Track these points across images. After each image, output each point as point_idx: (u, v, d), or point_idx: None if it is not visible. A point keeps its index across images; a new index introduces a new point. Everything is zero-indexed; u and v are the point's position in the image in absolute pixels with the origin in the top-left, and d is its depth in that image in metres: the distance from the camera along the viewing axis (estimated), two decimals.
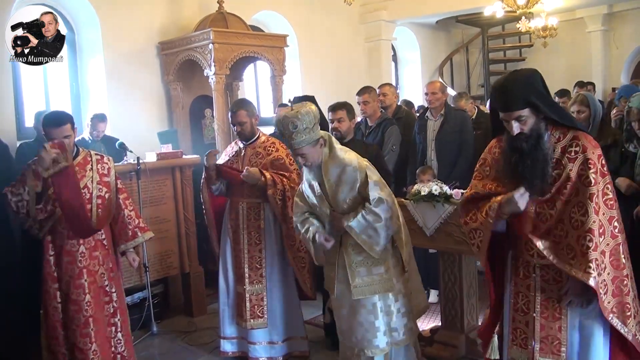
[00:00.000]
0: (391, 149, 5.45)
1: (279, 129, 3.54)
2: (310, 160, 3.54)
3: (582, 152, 2.58)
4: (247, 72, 7.77)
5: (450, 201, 4.09)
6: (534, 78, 2.63)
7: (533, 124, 2.60)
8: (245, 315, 4.42)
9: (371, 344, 3.63)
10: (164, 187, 5.54)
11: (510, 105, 2.59)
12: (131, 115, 6.62)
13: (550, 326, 2.72)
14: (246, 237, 4.44)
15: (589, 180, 2.53)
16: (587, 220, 2.50)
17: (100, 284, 3.81)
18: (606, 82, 11.11)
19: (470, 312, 4.42)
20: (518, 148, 2.61)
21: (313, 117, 3.45)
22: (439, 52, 11.99)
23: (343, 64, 9.58)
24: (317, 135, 3.49)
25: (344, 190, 3.56)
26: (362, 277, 3.60)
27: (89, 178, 3.80)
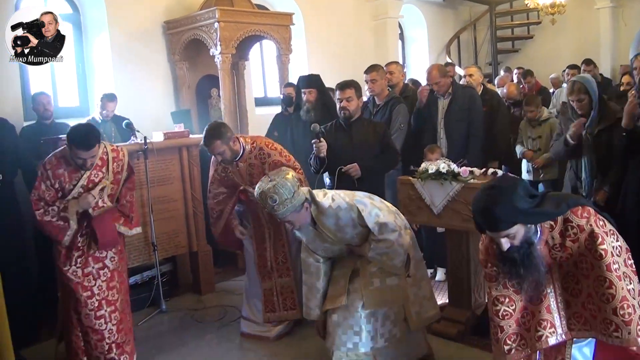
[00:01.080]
0: (399, 127, 5.43)
1: (260, 203, 3.54)
2: (298, 224, 3.54)
3: (581, 232, 2.57)
4: (253, 51, 7.74)
5: (457, 179, 4.09)
6: (515, 194, 2.51)
7: (522, 236, 2.56)
8: (278, 308, 4.56)
9: (356, 346, 3.64)
10: (172, 167, 5.55)
11: (497, 227, 2.52)
12: (138, 95, 6.61)
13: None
14: (272, 234, 4.52)
15: (600, 254, 2.52)
16: (616, 290, 2.49)
17: (113, 267, 3.96)
18: (615, 60, 10.99)
19: (477, 289, 4.44)
20: (510, 259, 2.60)
21: (291, 185, 3.41)
22: (446, 30, 11.88)
23: (349, 43, 9.52)
24: (299, 201, 3.45)
25: (348, 232, 3.60)
26: (376, 287, 3.65)
27: (106, 180, 3.87)
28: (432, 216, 4.28)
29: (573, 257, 2.62)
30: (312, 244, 3.73)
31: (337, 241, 3.64)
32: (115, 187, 3.94)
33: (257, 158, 4.35)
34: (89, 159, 3.67)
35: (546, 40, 11.70)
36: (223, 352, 4.44)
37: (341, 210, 3.52)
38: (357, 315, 3.63)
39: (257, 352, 4.39)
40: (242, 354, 4.40)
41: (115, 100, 5.94)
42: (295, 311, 4.55)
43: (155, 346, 4.53)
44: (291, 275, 4.56)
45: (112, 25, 6.53)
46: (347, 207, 3.52)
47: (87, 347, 3.87)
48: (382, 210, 3.61)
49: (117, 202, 4.00)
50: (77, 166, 3.72)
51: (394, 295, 3.65)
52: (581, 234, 2.57)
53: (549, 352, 2.73)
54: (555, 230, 2.63)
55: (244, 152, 4.35)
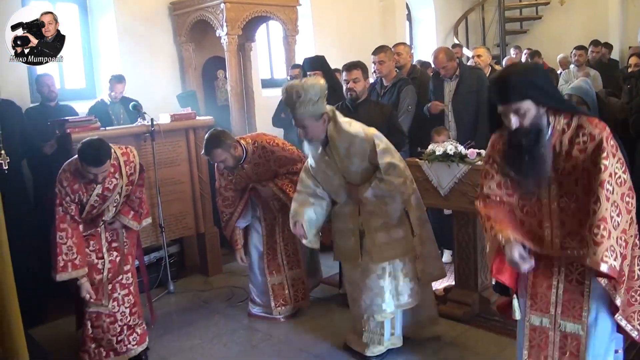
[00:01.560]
0: (407, 109, 5.40)
1: (283, 97, 3.50)
2: (310, 135, 3.51)
3: (591, 142, 2.49)
4: (259, 33, 7.69)
5: (465, 161, 4.08)
6: (535, 71, 2.55)
7: (533, 118, 2.49)
8: (289, 301, 4.60)
9: (380, 308, 3.70)
10: (179, 149, 5.56)
11: (508, 96, 2.46)
12: (144, 76, 6.59)
13: (573, 290, 2.68)
14: (282, 226, 4.56)
15: (600, 167, 2.44)
16: (599, 209, 2.43)
17: (128, 251, 4.05)
18: (623, 41, 10.86)
19: (484, 271, 4.44)
20: (517, 144, 2.54)
21: (319, 90, 3.40)
22: (454, 11, 11.76)
23: (356, 24, 9.45)
24: (321, 110, 3.45)
25: (355, 162, 3.58)
26: (383, 242, 3.65)
27: (120, 186, 3.90)
28: (439, 198, 4.28)
29: (575, 172, 2.54)
30: (314, 168, 3.73)
31: (340, 170, 3.62)
32: (130, 188, 3.99)
33: (262, 157, 4.35)
34: (100, 174, 3.69)
35: (555, 21, 11.57)
36: (230, 332, 4.48)
37: (357, 138, 3.52)
38: (374, 277, 3.68)
39: (265, 332, 4.42)
40: (250, 334, 4.44)
41: (123, 82, 5.94)
42: (305, 301, 4.66)
43: (162, 327, 4.58)
44: (302, 266, 4.63)
45: (118, 7, 6.50)
46: (364, 137, 3.53)
47: (98, 332, 3.90)
48: (395, 154, 3.61)
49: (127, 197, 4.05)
50: (91, 181, 3.75)
51: (400, 248, 3.67)
52: (590, 143, 2.48)
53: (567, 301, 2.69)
54: (566, 135, 2.54)
55: (247, 155, 4.32)
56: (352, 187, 3.68)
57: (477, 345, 3.97)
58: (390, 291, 3.70)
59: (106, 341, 3.91)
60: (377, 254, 3.65)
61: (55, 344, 4.34)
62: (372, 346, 3.80)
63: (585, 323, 2.67)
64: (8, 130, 4.66)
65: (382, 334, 3.78)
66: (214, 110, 6.80)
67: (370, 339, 3.80)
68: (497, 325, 4.12)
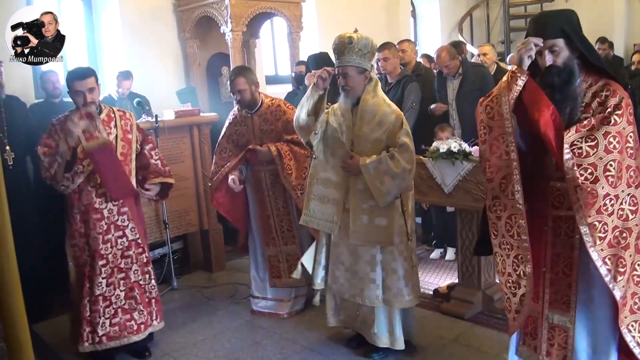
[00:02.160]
0: (411, 106, 5.40)
1: (335, 43, 3.57)
2: (350, 84, 3.55)
3: (613, 97, 2.51)
4: (263, 29, 7.68)
5: (469, 158, 4.08)
6: (573, 15, 2.63)
7: (566, 59, 2.56)
8: (283, 274, 4.57)
9: (363, 292, 3.69)
10: (182, 145, 5.56)
11: (545, 32, 2.56)
12: (148, 72, 6.60)
13: (560, 282, 2.69)
14: (273, 202, 4.51)
15: (609, 120, 2.45)
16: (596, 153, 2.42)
17: (132, 238, 3.98)
18: (628, 39, 10.82)
19: (487, 269, 4.44)
20: (549, 83, 2.57)
21: (370, 46, 3.53)
22: (458, 8, 11.72)
23: (361, 20, 9.37)
24: (366, 65, 3.54)
25: (374, 129, 3.55)
26: (363, 224, 3.61)
27: (113, 135, 3.89)
28: (443, 196, 4.28)
29: None
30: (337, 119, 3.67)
31: (354, 134, 3.60)
32: (126, 147, 3.94)
33: (273, 114, 4.41)
34: (87, 91, 3.72)
35: None
36: (234, 329, 4.48)
37: (388, 109, 3.57)
38: (362, 262, 3.68)
39: (268, 329, 4.42)
40: (253, 330, 4.44)
41: (131, 79, 5.96)
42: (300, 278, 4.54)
43: (166, 323, 4.56)
44: (297, 242, 4.56)
45: (123, 3, 6.50)
46: (395, 111, 3.59)
47: (94, 316, 3.87)
48: (412, 145, 3.58)
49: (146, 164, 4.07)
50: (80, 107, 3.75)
51: (379, 236, 3.60)
52: (612, 99, 2.51)
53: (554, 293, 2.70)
54: (592, 88, 2.59)
55: (262, 105, 4.43)
56: (353, 156, 3.59)
57: (480, 343, 3.97)
58: (377, 280, 3.66)
59: (100, 325, 3.87)
60: (355, 234, 3.61)
61: (57, 339, 4.34)
62: (366, 329, 3.79)
63: (572, 315, 2.67)
64: (13, 126, 4.68)
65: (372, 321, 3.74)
66: (218, 107, 6.81)
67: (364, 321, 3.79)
68: (501, 323, 4.11)
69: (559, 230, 2.69)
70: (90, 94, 3.76)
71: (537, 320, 2.79)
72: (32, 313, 3.24)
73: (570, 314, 2.68)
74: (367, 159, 3.52)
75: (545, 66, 2.59)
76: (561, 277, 2.69)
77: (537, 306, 2.78)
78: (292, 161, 4.33)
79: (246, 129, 4.48)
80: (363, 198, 3.60)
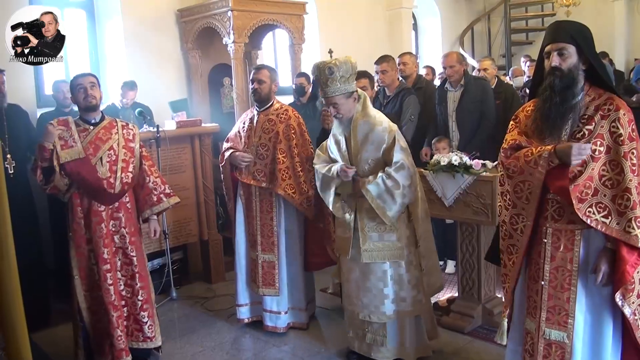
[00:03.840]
0: (409, 119, 5.41)
1: (315, 74, 3.56)
2: (342, 112, 3.56)
3: (615, 111, 2.55)
4: (265, 41, 7.72)
5: (470, 171, 4.08)
6: (588, 30, 2.71)
7: (572, 65, 2.60)
8: (258, 281, 4.48)
9: (378, 309, 3.69)
10: (183, 155, 5.57)
11: (558, 35, 2.64)
12: (150, 82, 6.61)
13: (558, 296, 2.68)
14: (258, 204, 4.46)
15: (623, 139, 2.51)
16: (624, 178, 2.47)
17: (120, 245, 3.88)
18: (629, 52, 10.89)
19: (488, 282, 4.43)
20: (550, 84, 2.62)
21: (351, 68, 3.50)
22: (460, 21, 11.80)
23: (363, 33, 9.47)
24: (352, 88, 3.53)
25: (369, 150, 3.58)
26: (374, 242, 3.64)
27: (115, 141, 3.88)
28: (443, 209, 4.28)
29: (589, 137, 2.58)
30: (334, 146, 3.75)
31: (352, 154, 3.63)
32: (129, 154, 3.92)
33: (278, 116, 4.41)
34: (88, 85, 3.77)
35: None
36: (232, 340, 4.47)
37: (380, 127, 3.57)
38: (374, 279, 3.68)
39: (267, 340, 4.41)
40: (252, 342, 4.43)
41: (135, 89, 5.98)
42: (274, 288, 4.46)
43: (164, 333, 4.55)
44: (275, 252, 4.45)
45: (126, 13, 6.54)
46: (387, 128, 3.58)
47: (104, 326, 3.80)
48: (409, 158, 3.61)
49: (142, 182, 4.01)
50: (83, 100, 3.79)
51: (390, 251, 3.64)
52: (615, 112, 2.55)
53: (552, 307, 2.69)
54: (595, 101, 2.63)
55: (271, 106, 4.46)
56: (356, 178, 3.65)
57: (480, 357, 3.96)
58: (391, 295, 3.69)
59: (116, 338, 3.78)
60: (366, 253, 3.64)
61: (56, 348, 4.33)
62: (375, 348, 3.79)
63: (571, 331, 2.65)
64: (14, 134, 4.68)
65: (384, 336, 3.76)
66: (220, 117, 6.83)
67: (374, 339, 3.79)
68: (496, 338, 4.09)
69: (557, 243, 2.69)
70: (91, 89, 3.78)
71: (534, 336, 2.78)
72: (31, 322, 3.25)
73: (568, 329, 2.66)
74: (366, 181, 3.55)
75: (550, 66, 2.63)
76: (559, 291, 2.68)
77: (535, 322, 2.77)
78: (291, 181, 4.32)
79: (250, 125, 4.49)
80: (370, 217, 3.64)
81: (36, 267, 4.63)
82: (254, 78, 4.44)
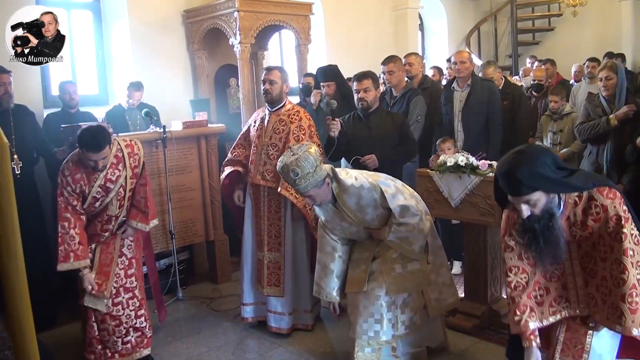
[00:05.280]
0: (416, 119, 5.40)
1: (282, 175, 3.53)
2: (319, 200, 3.53)
3: (604, 212, 2.55)
4: (272, 41, 7.72)
5: (476, 172, 4.07)
6: (540, 160, 2.51)
7: (544, 205, 2.54)
8: (263, 281, 4.49)
9: (377, 335, 3.67)
10: (190, 156, 5.58)
11: (518, 190, 2.51)
12: (157, 83, 6.63)
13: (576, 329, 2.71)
14: (267, 204, 4.47)
15: (620, 237, 2.50)
16: (628, 277, 2.47)
17: (130, 256, 4.03)
18: (636, 53, 10.82)
19: (494, 283, 4.42)
20: (530, 229, 2.59)
21: (313, 160, 3.38)
22: (466, 21, 11.77)
23: (369, 33, 9.47)
24: (321, 176, 3.43)
25: (369, 212, 3.60)
26: (398, 273, 3.66)
27: (123, 177, 3.89)
28: (449, 209, 4.27)
29: (592, 238, 2.59)
30: (330, 223, 3.73)
31: (356, 222, 3.63)
32: (134, 181, 3.97)
33: (290, 117, 4.43)
34: (100, 160, 3.70)
35: (567, 32, 11.54)
36: (238, 340, 4.48)
37: (364, 190, 3.51)
38: (378, 304, 3.65)
39: (273, 341, 4.41)
40: (258, 343, 4.43)
41: (141, 90, 5.99)
42: (279, 288, 4.47)
43: (170, 333, 4.58)
44: (281, 251, 4.47)
45: (132, 14, 6.55)
46: (370, 187, 3.52)
47: (104, 334, 3.90)
48: (404, 193, 3.61)
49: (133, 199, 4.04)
50: (92, 168, 3.75)
51: (416, 280, 3.68)
52: (604, 214, 2.54)
53: (569, 339, 2.71)
54: (579, 207, 2.60)
55: (283, 106, 4.48)
56: (373, 231, 3.72)
57: (485, 359, 3.95)
58: (390, 320, 3.68)
59: (112, 343, 3.90)
60: (392, 285, 3.63)
61: (63, 349, 4.35)
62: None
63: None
64: (21, 135, 4.70)
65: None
66: (226, 118, 6.84)
67: None
68: (507, 339, 4.08)
69: None
70: (103, 161, 3.73)
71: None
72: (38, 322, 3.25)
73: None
74: (384, 232, 3.62)
75: (523, 217, 2.58)
76: (578, 323, 2.70)
77: (549, 352, 2.76)
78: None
79: (261, 125, 4.50)
80: (392, 249, 3.67)
81: (43, 267, 4.64)
82: (265, 79, 4.46)
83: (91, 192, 3.78)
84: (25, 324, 1.37)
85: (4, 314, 1.39)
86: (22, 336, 1.38)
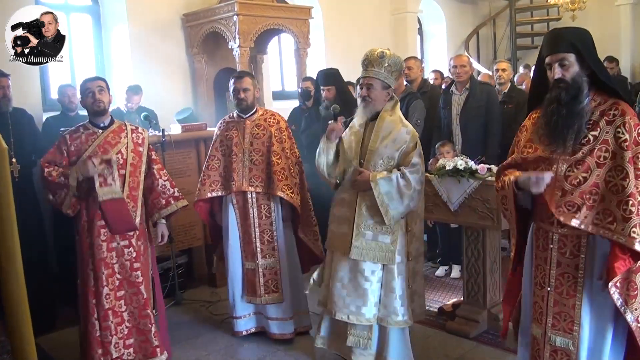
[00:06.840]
0: (415, 123, 5.40)
1: (365, 54, 3.61)
2: (372, 96, 3.57)
3: (621, 116, 2.54)
4: (271, 45, 7.74)
5: (475, 176, 4.07)
6: (587, 34, 2.65)
7: (575, 74, 2.58)
8: (259, 291, 4.40)
9: (360, 310, 3.60)
10: (189, 159, 5.58)
11: (557, 46, 2.60)
12: (156, 87, 6.64)
13: (563, 302, 2.67)
14: (256, 211, 4.38)
15: (628, 144, 2.49)
16: (628, 184, 2.46)
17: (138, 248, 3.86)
18: (635, 57, 10.85)
19: (493, 287, 4.42)
20: (556, 97, 2.60)
21: (399, 65, 3.61)
22: (465, 25, 11.79)
23: (368, 37, 9.47)
24: (391, 82, 3.58)
25: (388, 146, 3.55)
26: (366, 241, 3.58)
27: (124, 145, 3.87)
28: (448, 213, 4.27)
29: (595, 141, 2.57)
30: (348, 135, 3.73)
31: (367, 148, 3.59)
32: (137, 158, 3.90)
33: (266, 121, 4.41)
34: (96, 90, 3.79)
35: None
36: (237, 344, 4.46)
37: (405, 128, 3.59)
38: (361, 278, 3.60)
39: (272, 346, 4.40)
40: (257, 347, 4.42)
41: (140, 93, 6.00)
42: (278, 294, 4.41)
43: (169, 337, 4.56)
44: (276, 256, 4.40)
45: (131, 18, 6.56)
46: (411, 132, 3.59)
47: (105, 334, 3.73)
48: (422, 167, 3.60)
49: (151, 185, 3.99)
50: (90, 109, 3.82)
51: (381, 253, 3.56)
52: (620, 117, 2.54)
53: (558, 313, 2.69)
54: (600, 107, 2.62)
55: (256, 112, 4.47)
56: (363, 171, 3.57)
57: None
58: (374, 299, 3.60)
59: (113, 345, 3.74)
60: (355, 250, 3.56)
61: (62, 353, 4.33)
62: (358, 351, 3.70)
63: (576, 338, 2.64)
64: (19, 138, 4.70)
65: (369, 338, 3.65)
66: None
67: (356, 342, 3.67)
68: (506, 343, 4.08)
69: (564, 249, 2.68)
70: (99, 94, 3.79)
71: (540, 342, 2.77)
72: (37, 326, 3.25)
73: (574, 336, 2.65)
74: (377, 174, 3.49)
75: (554, 79, 2.61)
76: (565, 297, 2.67)
77: (541, 328, 2.76)
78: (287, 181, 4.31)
79: (236, 133, 4.41)
80: (369, 214, 3.57)
81: (42, 271, 4.64)
82: (237, 87, 4.38)
83: (87, 152, 3.73)
84: (23, 328, 1.37)
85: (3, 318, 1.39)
86: (21, 340, 1.37)
